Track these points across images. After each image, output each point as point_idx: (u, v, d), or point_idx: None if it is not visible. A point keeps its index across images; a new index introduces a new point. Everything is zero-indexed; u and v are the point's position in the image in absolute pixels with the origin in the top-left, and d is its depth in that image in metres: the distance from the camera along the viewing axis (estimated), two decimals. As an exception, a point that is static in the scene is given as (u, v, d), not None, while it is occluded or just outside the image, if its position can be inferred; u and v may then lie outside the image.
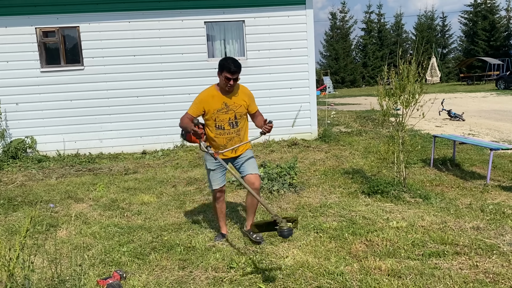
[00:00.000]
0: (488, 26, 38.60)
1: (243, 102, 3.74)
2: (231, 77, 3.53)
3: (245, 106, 3.76)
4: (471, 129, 10.39)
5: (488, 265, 3.32)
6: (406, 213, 4.61)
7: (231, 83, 3.58)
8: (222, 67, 3.56)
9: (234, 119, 3.73)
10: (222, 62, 3.59)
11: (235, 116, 3.72)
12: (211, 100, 3.66)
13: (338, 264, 3.41)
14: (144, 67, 8.95)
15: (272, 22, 9.24)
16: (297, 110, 9.48)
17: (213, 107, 3.66)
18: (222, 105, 3.67)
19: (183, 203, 5.39)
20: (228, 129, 3.73)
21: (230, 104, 3.69)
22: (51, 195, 5.89)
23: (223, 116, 3.69)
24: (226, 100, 3.68)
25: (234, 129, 3.75)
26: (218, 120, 3.69)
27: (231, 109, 3.70)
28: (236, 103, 3.71)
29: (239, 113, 3.74)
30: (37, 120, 8.75)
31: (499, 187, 5.55)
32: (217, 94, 3.68)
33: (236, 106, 3.71)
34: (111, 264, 3.60)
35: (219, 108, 3.66)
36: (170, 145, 9.21)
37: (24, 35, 8.55)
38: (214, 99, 3.67)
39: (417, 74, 5.18)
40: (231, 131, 3.75)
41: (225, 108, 3.68)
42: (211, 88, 3.73)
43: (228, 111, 3.70)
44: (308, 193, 5.63)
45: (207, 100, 3.66)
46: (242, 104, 3.73)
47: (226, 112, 3.69)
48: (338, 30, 43.13)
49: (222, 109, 3.68)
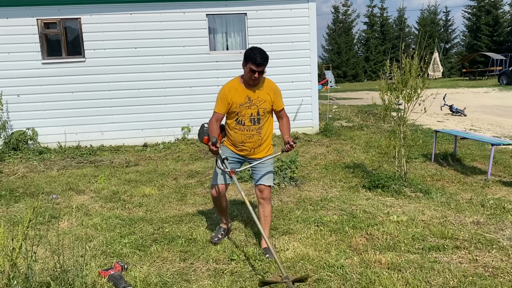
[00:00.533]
0: (491, 21, 38.38)
1: (267, 97, 3.47)
2: (256, 70, 3.28)
3: (269, 102, 3.48)
4: (473, 125, 10.37)
5: (488, 259, 3.33)
6: (407, 208, 4.62)
7: (255, 76, 3.32)
8: (248, 58, 3.30)
9: (256, 115, 3.46)
10: (248, 52, 3.32)
11: (258, 112, 3.45)
12: (234, 93, 3.43)
13: (338, 257, 3.43)
14: (146, 59, 8.93)
15: (275, 15, 9.19)
16: (299, 104, 9.47)
17: (236, 101, 3.42)
18: (245, 99, 3.43)
19: (184, 195, 5.41)
20: (249, 126, 3.47)
21: (254, 98, 3.44)
22: (52, 187, 5.91)
23: (245, 111, 3.44)
24: (249, 94, 3.43)
25: (255, 126, 3.47)
26: (240, 115, 3.45)
27: (254, 104, 3.45)
28: (260, 98, 3.45)
29: (263, 109, 3.46)
30: (38, 112, 8.75)
31: (500, 182, 5.55)
32: (240, 87, 3.45)
33: (260, 101, 3.45)
34: (112, 256, 3.62)
35: (242, 102, 3.43)
36: (171, 138, 9.21)
37: (25, 27, 8.53)
38: (238, 92, 3.43)
39: (419, 69, 5.17)
40: (252, 128, 3.47)
41: (248, 103, 3.43)
42: (234, 81, 3.49)
43: (251, 106, 3.44)
44: (309, 187, 5.64)
45: (231, 94, 3.42)
46: (266, 99, 3.46)
47: (249, 107, 3.44)
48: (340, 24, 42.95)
49: (245, 104, 3.43)
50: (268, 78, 3.55)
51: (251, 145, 3.52)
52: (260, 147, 3.57)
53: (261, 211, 3.61)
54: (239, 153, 3.59)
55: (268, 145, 3.63)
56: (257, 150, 3.57)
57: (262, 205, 3.60)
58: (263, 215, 3.60)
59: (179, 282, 3.12)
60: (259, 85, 3.46)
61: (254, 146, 3.54)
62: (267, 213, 3.61)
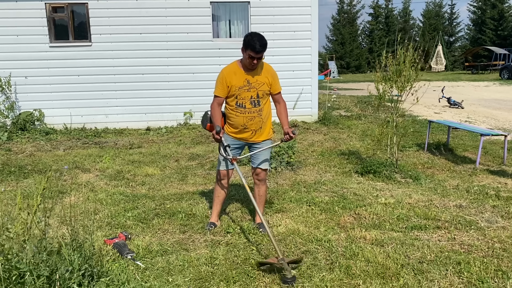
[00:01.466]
0: (496, 15, 38.25)
1: (265, 80, 3.59)
2: (255, 56, 3.38)
3: (267, 84, 3.60)
4: (469, 117, 10.59)
5: (465, 238, 3.60)
6: (395, 192, 4.88)
7: (254, 62, 3.43)
8: (247, 45, 3.37)
9: (256, 98, 3.57)
10: (247, 38, 3.38)
11: (258, 94, 3.57)
12: (233, 76, 3.52)
13: (326, 233, 3.70)
14: (150, 45, 9.14)
15: (277, 4, 9.37)
16: (299, 93, 9.68)
17: (235, 84, 3.52)
18: (245, 82, 3.53)
19: (185, 176, 5.68)
20: (250, 108, 3.57)
21: (253, 81, 3.55)
22: (59, 165, 6.18)
23: (245, 94, 3.54)
24: (248, 78, 3.54)
25: (255, 108, 3.58)
26: (240, 98, 3.55)
27: (254, 86, 3.55)
28: (259, 81, 3.56)
29: (262, 91, 3.58)
30: (45, 94, 9.00)
31: (487, 171, 5.80)
32: (239, 71, 3.54)
33: (259, 84, 3.57)
34: (117, 227, 3.90)
35: (241, 85, 3.52)
36: (173, 122, 9.46)
37: (34, 10, 8.74)
38: (237, 75, 3.53)
39: (414, 60, 5.38)
40: (253, 110, 3.58)
41: (248, 86, 3.54)
42: (233, 64, 3.59)
43: (251, 89, 3.55)
44: (304, 171, 5.89)
45: (230, 77, 3.52)
46: (265, 82, 3.58)
47: (248, 90, 3.54)
48: (345, 14, 42.81)
49: (244, 87, 3.53)
50: (265, 62, 3.68)
51: (253, 127, 3.63)
52: (262, 130, 3.69)
53: (256, 190, 3.87)
54: (239, 137, 3.70)
55: (268, 127, 3.77)
56: (259, 132, 3.69)
57: (258, 185, 3.86)
58: (258, 194, 3.86)
59: (178, 251, 3.39)
60: (258, 69, 3.57)
61: (256, 128, 3.64)
62: (261, 193, 3.86)
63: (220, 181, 3.85)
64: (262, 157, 3.77)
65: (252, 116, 3.60)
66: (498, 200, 4.52)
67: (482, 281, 2.88)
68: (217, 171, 3.86)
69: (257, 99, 3.59)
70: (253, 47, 3.34)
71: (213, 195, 3.95)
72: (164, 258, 3.25)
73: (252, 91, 3.56)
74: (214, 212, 3.94)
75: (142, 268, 3.09)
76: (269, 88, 3.63)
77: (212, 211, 3.96)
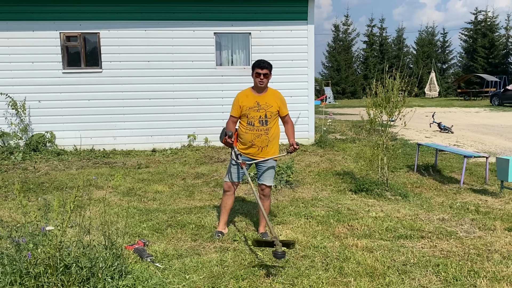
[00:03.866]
0: (487, 44, 39.51)
1: (274, 103, 4.14)
2: (261, 72, 4.02)
3: (276, 107, 4.15)
4: (458, 141, 11.15)
5: (445, 246, 4.06)
6: (385, 207, 5.36)
7: (261, 78, 4.04)
8: (254, 65, 4.08)
9: (264, 118, 4.11)
10: (254, 62, 4.11)
11: (266, 115, 4.11)
12: (245, 99, 4.14)
13: (322, 241, 4.16)
14: (157, 72, 9.75)
15: (276, 35, 10.05)
16: (296, 117, 10.24)
17: (246, 105, 4.10)
18: (255, 103, 4.10)
19: (192, 192, 6.14)
20: (258, 126, 4.11)
21: (262, 103, 4.11)
22: (74, 182, 6.64)
23: (254, 113, 4.10)
24: (258, 100, 4.12)
25: (263, 126, 4.12)
26: (250, 117, 4.10)
27: (263, 108, 4.10)
28: (268, 103, 4.12)
29: (270, 112, 4.12)
30: (57, 117, 9.52)
31: (471, 190, 6.30)
32: (251, 94, 4.16)
33: (268, 106, 4.12)
34: (134, 236, 4.34)
35: (251, 106, 4.10)
36: (178, 144, 9.97)
37: (49, 39, 9.36)
38: (248, 98, 4.14)
39: (401, 88, 5.95)
40: (260, 128, 4.11)
41: (257, 107, 4.10)
42: (246, 89, 4.23)
43: (260, 110, 4.10)
44: (302, 189, 6.37)
45: (242, 99, 4.14)
46: (273, 105, 4.13)
47: (258, 110, 4.10)
48: (340, 42, 44.01)
49: (254, 107, 4.10)
50: (273, 89, 4.29)
51: (259, 144, 4.15)
52: (267, 148, 4.20)
53: (260, 204, 4.34)
54: (247, 153, 4.21)
55: (274, 147, 4.26)
56: (265, 149, 4.19)
57: (262, 200, 4.33)
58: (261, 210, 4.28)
59: (191, 255, 3.84)
60: (267, 93, 4.18)
61: (262, 145, 4.16)
62: (265, 207, 4.31)
63: (227, 192, 4.34)
64: (267, 174, 4.27)
65: (259, 134, 4.13)
66: (477, 214, 5.01)
67: (456, 279, 3.34)
68: (224, 183, 4.37)
69: (265, 119, 4.13)
70: (258, 63, 4.06)
71: (220, 206, 4.43)
72: (179, 261, 3.69)
73: (261, 111, 4.12)
74: (222, 221, 4.41)
75: (161, 269, 3.53)
76: (277, 110, 4.19)
77: (220, 220, 4.44)
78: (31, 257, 2.70)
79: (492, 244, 4.08)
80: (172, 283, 3.27)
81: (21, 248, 2.76)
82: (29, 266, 2.69)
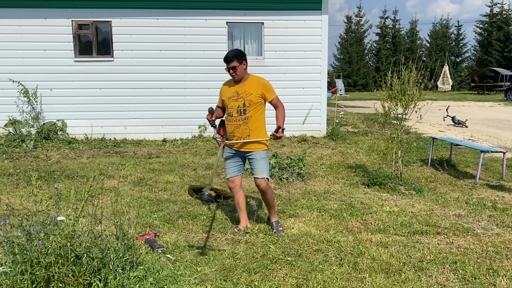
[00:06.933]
0: (502, 37, 38.75)
1: (253, 90, 3.92)
2: (228, 67, 3.88)
3: (257, 94, 3.92)
4: (472, 135, 10.95)
5: (462, 243, 3.96)
6: (399, 202, 5.25)
7: (231, 73, 3.90)
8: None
9: (242, 107, 3.92)
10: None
11: (244, 103, 3.91)
12: (226, 89, 4.04)
13: (336, 235, 4.08)
14: (169, 61, 9.67)
15: (289, 25, 9.90)
16: (308, 109, 10.13)
17: (226, 95, 4.01)
18: (234, 93, 3.95)
19: (203, 183, 6.09)
20: (236, 116, 3.94)
21: (241, 92, 3.93)
22: (85, 171, 6.63)
23: (233, 103, 3.95)
24: (238, 89, 3.95)
25: (241, 116, 3.92)
26: (229, 107, 3.98)
27: (241, 96, 3.92)
28: (247, 91, 3.93)
29: (249, 101, 3.90)
30: (69, 105, 9.52)
31: (487, 186, 6.16)
32: (231, 84, 4.03)
33: (247, 94, 3.92)
34: (145, 226, 4.31)
35: (230, 96, 3.97)
36: (188, 135, 9.93)
37: (61, 27, 9.33)
38: (228, 88, 4.03)
39: (417, 80, 5.81)
40: (238, 118, 3.93)
41: (236, 96, 3.94)
42: (228, 80, 4.12)
43: (238, 99, 3.93)
44: (314, 182, 6.29)
45: (224, 89, 4.08)
46: (253, 92, 3.92)
47: (236, 100, 3.94)
48: (352, 33, 43.55)
49: (233, 97, 3.95)
50: (256, 75, 4.09)
51: (239, 134, 3.96)
52: (249, 138, 3.94)
53: (262, 198, 4.32)
54: (233, 145, 4.04)
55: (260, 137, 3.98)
56: (247, 143, 3.96)
57: (260, 193, 4.23)
58: (263, 202, 4.34)
59: (203, 247, 3.79)
60: (248, 81, 3.97)
61: (242, 135, 3.95)
62: (265, 200, 4.21)
63: (232, 189, 4.19)
64: (257, 167, 4.03)
65: (238, 124, 3.95)
66: (494, 211, 4.89)
67: (475, 277, 3.24)
68: (227, 181, 4.25)
69: (243, 108, 3.92)
70: (224, 58, 3.89)
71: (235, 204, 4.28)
72: (191, 252, 3.65)
73: (240, 101, 3.93)
74: (240, 218, 4.28)
75: (173, 260, 3.49)
76: (258, 98, 3.94)
77: (239, 216, 4.30)
78: (42, 246, 2.66)
79: (511, 242, 3.97)
80: (184, 275, 3.22)
81: (32, 237, 2.72)
82: (40, 255, 2.65)
